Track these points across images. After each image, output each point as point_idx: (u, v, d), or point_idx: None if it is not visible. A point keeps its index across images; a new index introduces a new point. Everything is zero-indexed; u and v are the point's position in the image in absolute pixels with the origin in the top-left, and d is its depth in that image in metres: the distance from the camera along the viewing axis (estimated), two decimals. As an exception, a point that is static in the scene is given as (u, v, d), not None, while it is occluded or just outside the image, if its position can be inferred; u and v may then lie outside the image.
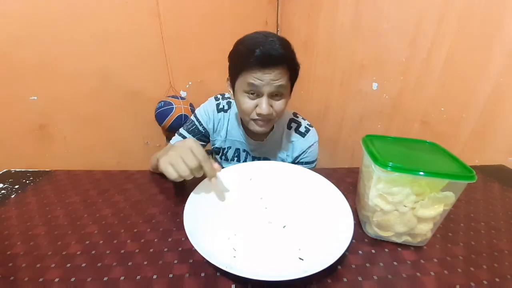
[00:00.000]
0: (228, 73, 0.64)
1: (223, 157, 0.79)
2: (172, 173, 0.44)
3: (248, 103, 0.60)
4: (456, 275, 0.37)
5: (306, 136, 0.75)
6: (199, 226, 0.41)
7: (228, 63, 0.63)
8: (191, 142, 0.47)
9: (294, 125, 0.76)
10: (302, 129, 0.76)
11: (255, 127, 0.64)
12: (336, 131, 1.50)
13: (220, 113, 0.75)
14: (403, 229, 0.40)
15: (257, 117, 0.61)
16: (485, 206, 0.54)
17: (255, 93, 0.59)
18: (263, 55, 0.54)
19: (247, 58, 0.55)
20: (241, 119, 0.72)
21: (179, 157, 0.44)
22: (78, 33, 1.34)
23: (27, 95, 1.32)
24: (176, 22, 1.57)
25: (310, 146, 0.75)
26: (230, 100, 0.76)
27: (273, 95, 0.60)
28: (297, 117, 0.78)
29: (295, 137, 0.75)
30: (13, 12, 1.18)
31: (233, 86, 0.63)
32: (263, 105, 0.58)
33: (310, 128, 0.76)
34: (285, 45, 0.57)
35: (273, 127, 0.74)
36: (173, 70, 1.66)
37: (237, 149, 0.78)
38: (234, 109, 0.75)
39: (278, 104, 0.61)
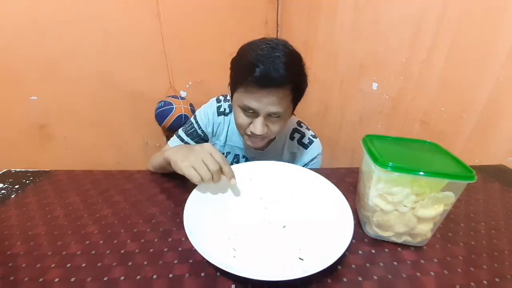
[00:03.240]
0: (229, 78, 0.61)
1: None
2: (195, 176, 0.45)
3: (242, 118, 0.57)
4: (456, 275, 0.37)
5: (309, 148, 0.71)
6: (199, 226, 0.41)
7: (230, 70, 0.59)
8: (210, 146, 0.48)
9: (297, 135, 0.73)
10: (305, 140, 0.72)
11: (248, 142, 0.62)
12: (336, 131, 1.50)
13: (220, 117, 0.73)
14: (403, 229, 0.40)
15: (250, 134, 0.59)
16: (485, 206, 0.54)
17: (251, 110, 0.55)
18: (263, 75, 0.49)
19: (246, 74, 0.51)
20: None
21: (200, 161, 0.45)
22: (78, 33, 1.34)
23: (27, 95, 1.32)
24: (176, 22, 1.57)
25: (312, 159, 0.71)
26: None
27: (271, 116, 0.56)
28: (301, 126, 0.74)
29: (298, 148, 0.72)
30: (13, 12, 1.18)
31: (231, 95, 0.60)
32: (257, 126, 0.55)
33: (313, 139, 0.72)
34: (292, 63, 0.52)
35: (274, 137, 0.71)
36: (173, 70, 1.66)
37: (236, 155, 0.76)
38: None
39: (275, 125, 0.58)
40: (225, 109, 0.73)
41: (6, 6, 1.17)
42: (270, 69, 0.49)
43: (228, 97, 0.75)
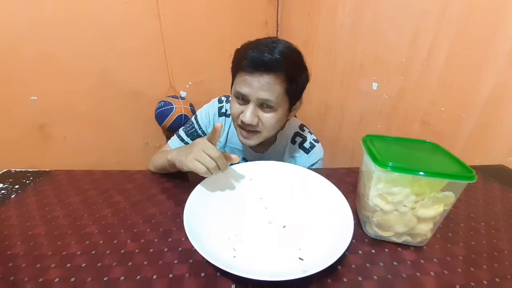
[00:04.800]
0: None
1: None
2: (201, 168, 0.46)
3: (236, 108, 0.57)
4: (456, 275, 0.37)
5: (310, 153, 0.71)
6: (199, 226, 0.41)
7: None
8: (204, 139, 0.49)
9: (298, 139, 0.72)
10: (306, 144, 0.71)
11: (240, 137, 0.61)
12: (336, 131, 1.50)
13: (221, 117, 0.72)
14: (403, 229, 0.40)
15: (240, 124, 0.58)
16: (485, 206, 0.54)
17: (244, 98, 0.55)
18: (254, 57, 0.51)
19: (241, 59, 0.53)
20: None
21: (201, 151, 0.46)
22: (78, 33, 1.34)
23: (27, 95, 1.31)
24: (176, 22, 1.57)
25: (313, 164, 0.71)
26: None
27: (262, 105, 0.55)
28: (303, 130, 0.73)
29: (299, 152, 0.71)
30: (13, 11, 1.18)
31: (230, 88, 0.61)
32: (247, 113, 0.55)
33: (315, 144, 0.71)
34: (288, 53, 0.52)
35: (276, 139, 0.70)
36: (173, 70, 1.66)
37: None
38: None
39: (267, 117, 0.56)
40: (226, 110, 0.73)
41: (6, 6, 1.16)
42: (263, 52, 0.50)
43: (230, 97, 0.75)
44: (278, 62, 0.51)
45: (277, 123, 0.59)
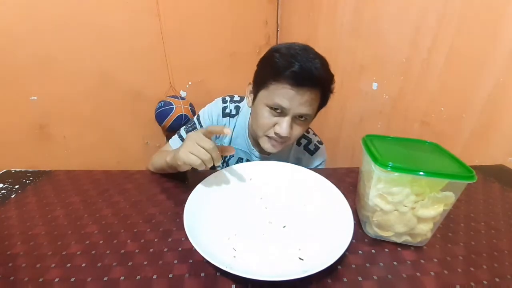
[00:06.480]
0: (253, 78, 0.59)
1: (225, 164, 0.76)
2: (195, 160, 0.45)
3: (267, 118, 0.56)
4: (456, 275, 0.37)
5: (314, 155, 0.71)
6: (199, 226, 0.41)
7: (257, 68, 0.58)
8: (198, 132, 0.48)
9: (304, 141, 0.72)
10: (311, 146, 0.72)
11: (266, 145, 0.60)
12: (336, 131, 1.50)
13: (225, 118, 0.71)
14: (403, 229, 0.40)
15: (273, 136, 0.57)
16: (485, 206, 0.54)
17: (279, 110, 0.54)
18: (303, 71, 0.49)
19: (283, 69, 0.50)
20: (248, 129, 0.68)
21: (195, 143, 0.46)
22: (78, 33, 1.34)
23: (27, 95, 1.32)
24: (176, 22, 1.57)
25: (317, 166, 0.71)
26: (239, 104, 0.71)
27: (297, 118, 0.55)
28: (308, 132, 0.74)
29: (303, 154, 0.72)
30: (13, 12, 1.18)
31: (255, 93, 0.58)
32: (284, 125, 0.54)
33: (319, 146, 0.72)
34: (325, 65, 0.52)
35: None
36: (173, 70, 1.66)
37: (240, 158, 0.75)
38: (242, 115, 0.70)
39: (299, 128, 0.57)
40: (231, 110, 0.71)
41: (6, 6, 1.17)
42: (310, 66, 0.49)
43: (235, 98, 0.73)
44: (321, 79, 0.51)
45: (303, 132, 0.60)
